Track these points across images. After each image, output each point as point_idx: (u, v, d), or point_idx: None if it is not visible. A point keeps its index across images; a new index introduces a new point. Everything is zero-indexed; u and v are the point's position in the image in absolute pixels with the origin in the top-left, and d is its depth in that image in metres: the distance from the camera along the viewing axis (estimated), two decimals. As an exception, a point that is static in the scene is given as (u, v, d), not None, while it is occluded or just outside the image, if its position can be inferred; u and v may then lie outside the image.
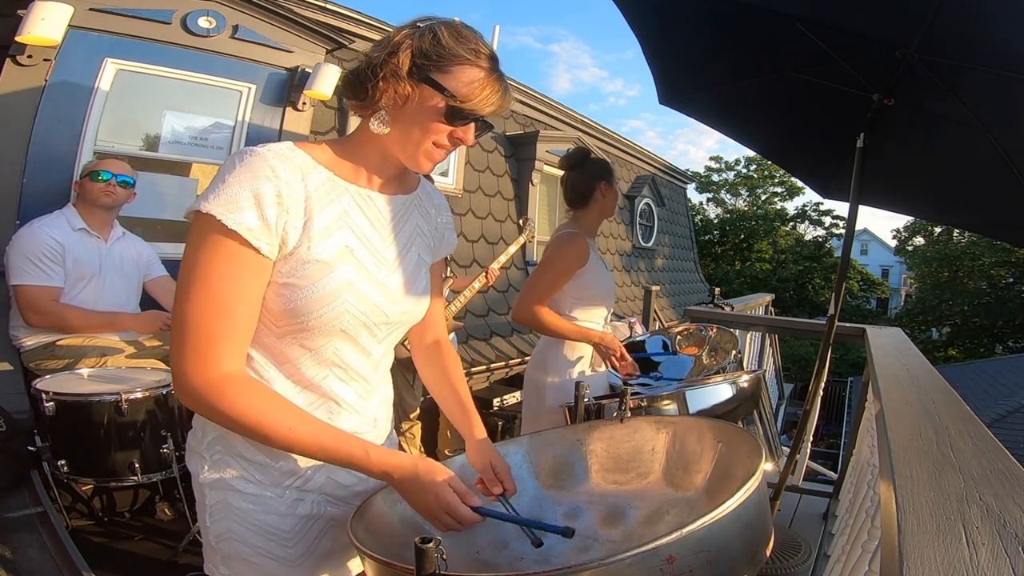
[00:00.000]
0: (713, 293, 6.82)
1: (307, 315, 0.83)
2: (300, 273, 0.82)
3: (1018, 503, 0.74)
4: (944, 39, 1.64)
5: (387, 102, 0.84)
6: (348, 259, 0.86)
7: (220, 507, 0.90)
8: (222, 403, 0.78)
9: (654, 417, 1.32)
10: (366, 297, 0.88)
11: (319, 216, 0.83)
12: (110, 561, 2.01)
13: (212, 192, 0.77)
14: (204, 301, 0.77)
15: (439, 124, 0.84)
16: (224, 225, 0.75)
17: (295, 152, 0.84)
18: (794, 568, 2.38)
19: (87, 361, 2.16)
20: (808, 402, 2.54)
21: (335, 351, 0.89)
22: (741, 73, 2.27)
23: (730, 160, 31.87)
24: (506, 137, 5.90)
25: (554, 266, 1.93)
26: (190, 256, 0.78)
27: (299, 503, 0.92)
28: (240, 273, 0.78)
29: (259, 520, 0.89)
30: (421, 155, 0.87)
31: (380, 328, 0.92)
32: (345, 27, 4.18)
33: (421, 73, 0.82)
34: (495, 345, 4.90)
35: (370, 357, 0.94)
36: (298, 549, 0.93)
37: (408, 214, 0.99)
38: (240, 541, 0.89)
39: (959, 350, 20.89)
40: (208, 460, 0.90)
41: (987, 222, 2.62)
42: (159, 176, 3.25)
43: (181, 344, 0.78)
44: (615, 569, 0.63)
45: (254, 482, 0.89)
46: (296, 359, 0.88)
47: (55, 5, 2.59)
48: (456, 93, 0.82)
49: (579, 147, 3.08)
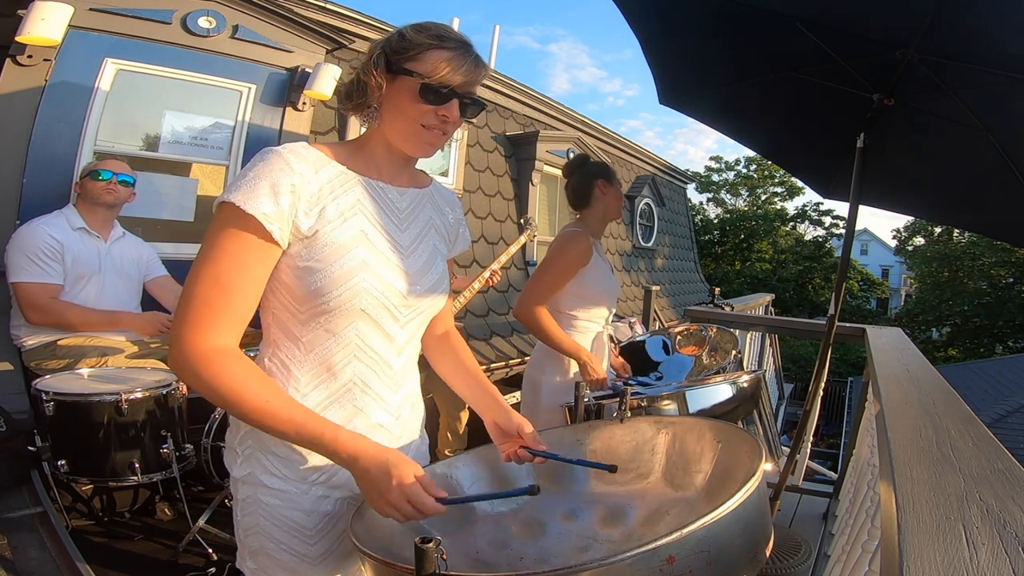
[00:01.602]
0: (713, 293, 6.82)
1: (327, 295, 0.88)
2: (318, 256, 0.88)
3: (1018, 503, 0.74)
4: (944, 39, 1.64)
5: (373, 99, 0.94)
6: (363, 242, 0.92)
7: (250, 502, 0.94)
8: (208, 372, 0.82)
9: (654, 417, 1.32)
10: (382, 277, 0.92)
11: (333, 204, 0.90)
12: (110, 561, 2.01)
13: (235, 185, 0.85)
14: (210, 277, 0.84)
15: (419, 105, 0.91)
16: (243, 211, 0.82)
17: (309, 150, 0.91)
18: (794, 568, 2.38)
19: (88, 361, 2.16)
20: (808, 402, 2.54)
21: (358, 334, 0.93)
22: (741, 73, 2.27)
23: (730, 160, 31.88)
24: (506, 137, 5.90)
25: (556, 264, 1.93)
26: (208, 238, 0.85)
27: (324, 500, 0.95)
28: (248, 257, 0.85)
29: (285, 516, 0.93)
30: (415, 139, 0.94)
31: (400, 311, 0.96)
32: (345, 27, 4.18)
33: (394, 67, 0.92)
34: (495, 345, 4.90)
35: (393, 342, 0.97)
36: (320, 547, 0.95)
37: (422, 206, 1.05)
38: (266, 536, 0.93)
39: (959, 350, 20.89)
40: (240, 455, 0.94)
41: (987, 222, 2.62)
42: (159, 176, 3.25)
43: (183, 314, 0.84)
44: (615, 569, 0.63)
45: (281, 477, 0.92)
46: (321, 345, 0.92)
47: (55, 5, 2.59)
48: (424, 72, 0.90)
49: (578, 153, 3.10)
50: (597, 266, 1.98)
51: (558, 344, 1.92)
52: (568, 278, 1.93)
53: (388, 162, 0.99)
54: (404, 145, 0.96)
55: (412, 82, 0.90)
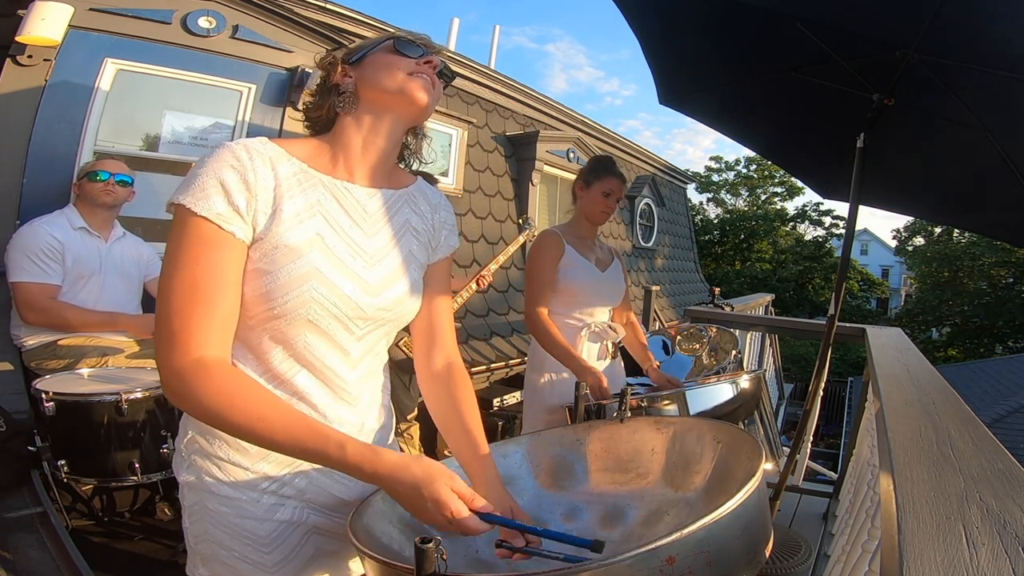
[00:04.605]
0: (713, 293, 6.81)
1: (273, 301, 0.82)
2: (269, 259, 0.82)
3: (1018, 503, 0.74)
4: (944, 39, 1.64)
5: (346, 85, 0.92)
6: (318, 246, 0.85)
7: (197, 508, 0.88)
8: (195, 387, 0.75)
9: (654, 417, 1.32)
10: (335, 286, 0.85)
11: (289, 203, 0.84)
12: (110, 561, 2.00)
13: (183, 185, 0.80)
14: (180, 284, 0.78)
15: (399, 59, 0.91)
16: (195, 213, 0.78)
17: (267, 145, 0.86)
18: (794, 568, 2.38)
19: (88, 361, 2.16)
20: (808, 402, 2.54)
21: (306, 345, 0.86)
22: (741, 73, 2.27)
23: (730, 160, 31.87)
24: (506, 137, 5.90)
25: (530, 264, 2.04)
26: (169, 246, 0.80)
27: (278, 508, 0.89)
28: (213, 256, 0.79)
29: (234, 524, 0.87)
30: (407, 89, 0.90)
31: (356, 323, 0.89)
32: (345, 27, 4.18)
33: (356, 60, 0.93)
34: (495, 345, 4.90)
35: (348, 356, 0.90)
36: (276, 555, 0.89)
37: (397, 209, 0.97)
38: (216, 543, 0.87)
39: (959, 350, 20.88)
40: (187, 460, 0.89)
41: (987, 222, 2.62)
42: (159, 176, 3.25)
43: (159, 332, 0.78)
44: (615, 570, 0.63)
45: (229, 484, 0.87)
46: (267, 352, 0.86)
47: (55, 5, 2.59)
48: (387, 44, 0.92)
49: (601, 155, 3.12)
50: (573, 264, 2.00)
51: (555, 352, 1.91)
52: (550, 275, 1.98)
53: (362, 157, 0.92)
54: (397, 98, 0.90)
55: (382, 49, 0.92)
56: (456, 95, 5.26)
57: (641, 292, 6.14)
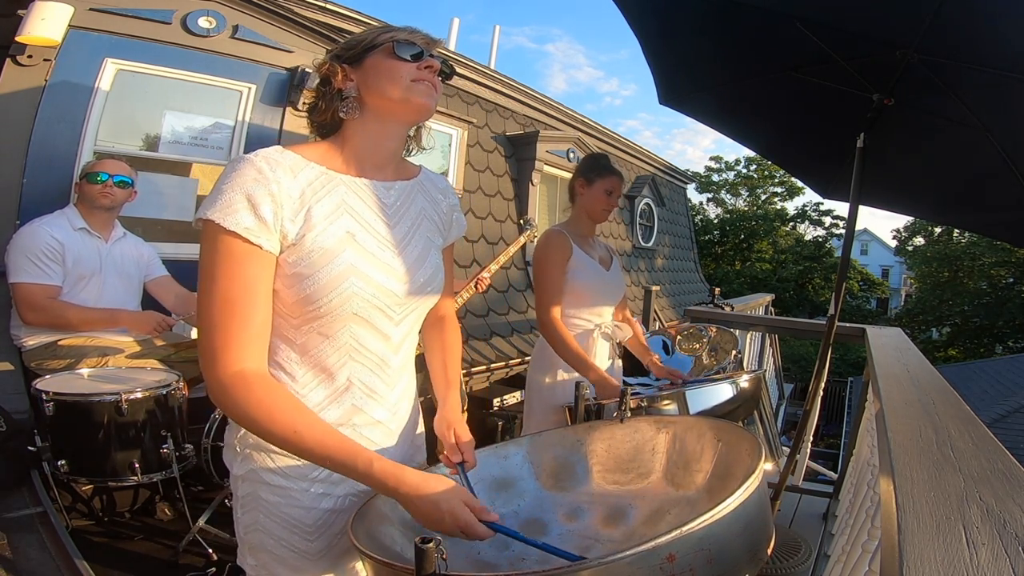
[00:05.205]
0: (713, 293, 6.81)
1: (318, 302, 0.87)
2: (306, 262, 0.86)
3: (1018, 503, 0.74)
4: (944, 39, 1.64)
5: (348, 89, 0.93)
6: (350, 244, 0.90)
7: (249, 499, 0.94)
8: (237, 399, 0.82)
9: (654, 417, 1.32)
10: (372, 279, 0.91)
11: (317, 207, 0.88)
12: (110, 561, 2.00)
13: (210, 200, 0.83)
14: (215, 299, 0.82)
15: (400, 63, 0.91)
16: (224, 228, 0.81)
17: (284, 154, 0.89)
18: (794, 568, 2.38)
19: (88, 361, 2.16)
20: (808, 402, 2.54)
21: (352, 336, 0.92)
22: (741, 73, 2.27)
23: (730, 160, 31.84)
24: (506, 137, 5.90)
25: (538, 266, 1.99)
26: (201, 262, 0.84)
27: (324, 497, 0.95)
28: (245, 271, 0.83)
29: (284, 513, 0.92)
30: (411, 95, 0.92)
31: (394, 309, 0.95)
32: (345, 27, 4.18)
33: (354, 60, 0.93)
34: (495, 345, 4.90)
35: (389, 341, 0.97)
36: (320, 543, 0.95)
37: (412, 198, 1.02)
38: (265, 532, 0.93)
39: (959, 350, 20.88)
40: (240, 453, 0.94)
41: (987, 222, 2.62)
42: (159, 176, 3.25)
43: (202, 344, 0.83)
44: (615, 568, 0.63)
45: (281, 475, 0.92)
46: (316, 348, 0.91)
47: (55, 5, 2.59)
48: (386, 41, 0.92)
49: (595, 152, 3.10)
50: (581, 264, 1.99)
51: (567, 357, 1.91)
52: (558, 275, 1.95)
53: (372, 156, 0.97)
54: (402, 106, 0.93)
55: (382, 52, 0.91)
56: (456, 95, 5.26)
57: (641, 292, 6.14)
